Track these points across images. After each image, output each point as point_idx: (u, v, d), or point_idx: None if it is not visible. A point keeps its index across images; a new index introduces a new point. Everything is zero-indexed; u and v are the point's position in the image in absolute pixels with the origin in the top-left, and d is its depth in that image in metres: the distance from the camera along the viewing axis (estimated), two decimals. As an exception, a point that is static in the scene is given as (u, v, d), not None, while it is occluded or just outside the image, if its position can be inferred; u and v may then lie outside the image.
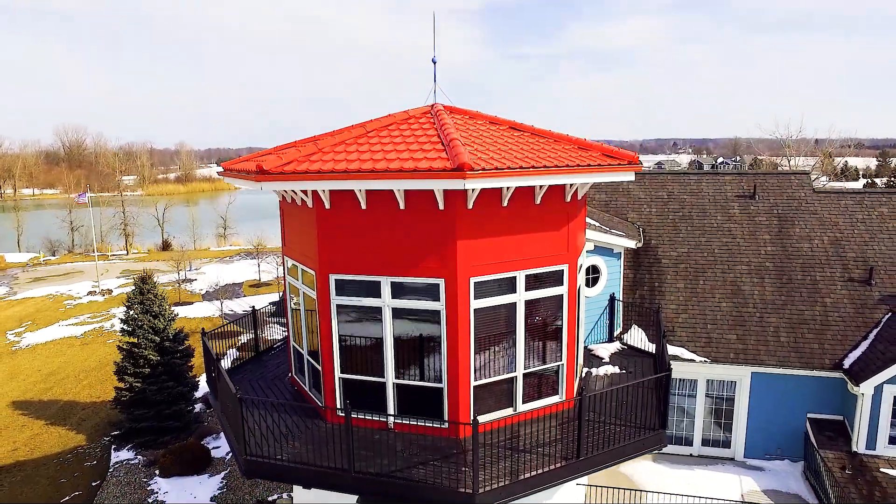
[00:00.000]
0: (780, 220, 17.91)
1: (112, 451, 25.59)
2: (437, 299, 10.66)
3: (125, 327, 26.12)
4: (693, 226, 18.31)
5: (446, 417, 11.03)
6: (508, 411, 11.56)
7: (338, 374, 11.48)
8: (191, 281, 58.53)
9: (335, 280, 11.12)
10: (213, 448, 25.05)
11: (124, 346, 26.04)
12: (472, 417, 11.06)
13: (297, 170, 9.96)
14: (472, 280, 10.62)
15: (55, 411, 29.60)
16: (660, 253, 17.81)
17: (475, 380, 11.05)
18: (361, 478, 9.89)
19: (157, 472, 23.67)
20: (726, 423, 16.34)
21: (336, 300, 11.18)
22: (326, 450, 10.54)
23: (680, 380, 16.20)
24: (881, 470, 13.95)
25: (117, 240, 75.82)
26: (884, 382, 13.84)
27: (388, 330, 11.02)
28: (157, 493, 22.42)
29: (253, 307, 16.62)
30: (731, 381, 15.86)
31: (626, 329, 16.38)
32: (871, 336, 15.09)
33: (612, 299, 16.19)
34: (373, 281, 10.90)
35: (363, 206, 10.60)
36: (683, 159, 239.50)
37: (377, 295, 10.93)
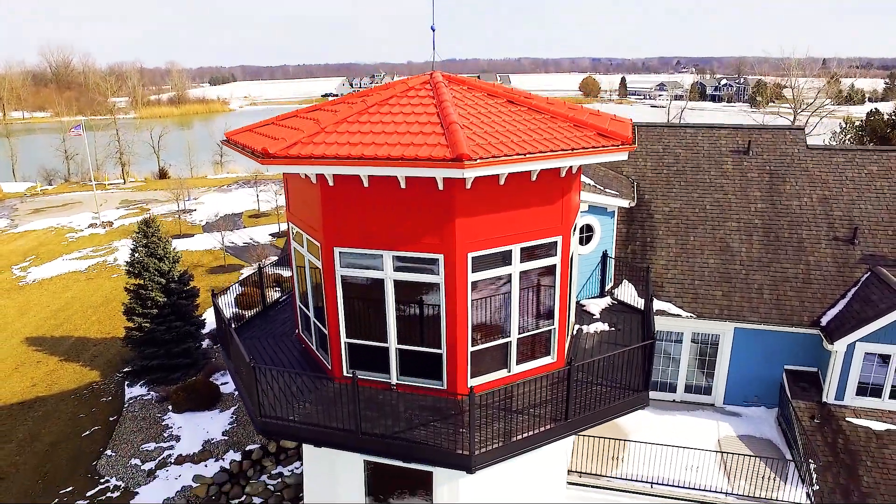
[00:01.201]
0: (772, 176, 18.27)
1: (126, 387, 26.90)
2: (437, 273, 11.24)
3: (131, 269, 26.83)
4: (686, 181, 18.67)
5: (445, 381, 11.86)
6: (503, 372, 12.38)
7: (343, 339, 12.21)
8: (190, 212, 58.93)
9: (339, 253, 11.65)
10: (222, 384, 26.32)
11: (131, 288, 26.84)
12: (468, 380, 11.93)
13: (302, 154, 10.29)
14: (470, 255, 11.16)
15: (68, 347, 30.77)
16: (653, 208, 18.28)
17: (472, 346, 11.79)
18: (368, 439, 10.81)
19: (170, 407, 25.01)
20: (709, 371, 17.32)
21: (340, 271, 11.75)
22: (335, 410, 11.42)
23: (667, 332, 17.06)
24: (846, 419, 15.03)
25: (114, 168, 75.46)
26: (856, 341, 14.70)
27: (391, 299, 11.65)
28: (171, 427, 23.82)
29: (260, 265, 17.23)
30: (716, 334, 16.74)
31: (617, 283, 17.09)
32: (849, 295, 15.82)
33: (605, 256, 16.82)
34: (376, 254, 11.44)
35: (365, 185, 10.98)
36: (686, 79, 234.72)
37: (380, 268, 11.50)
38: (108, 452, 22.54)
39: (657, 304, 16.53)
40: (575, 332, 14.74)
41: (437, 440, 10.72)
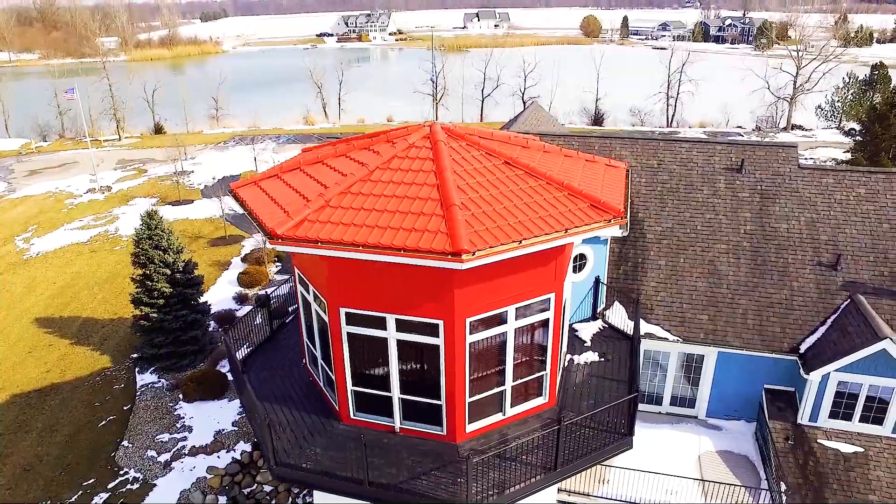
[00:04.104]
0: (763, 196, 18.72)
1: (136, 373, 27.96)
2: (437, 336, 11.98)
3: (137, 260, 27.46)
4: (679, 199, 19.12)
5: (445, 428, 12.79)
6: (498, 416, 13.32)
7: (350, 387, 13.05)
8: (188, 173, 58.84)
9: (345, 313, 12.33)
10: (228, 372, 27.37)
11: (137, 278, 27.55)
12: (466, 426, 12.87)
13: (309, 237, 10.83)
14: (468, 320, 11.87)
15: (77, 329, 31.70)
16: (645, 227, 18.82)
17: (469, 397, 12.66)
18: (375, 490, 11.80)
19: (180, 396, 26.15)
20: (694, 381, 18.30)
21: (346, 328, 12.47)
22: (343, 457, 12.38)
23: (654, 350, 17.96)
24: (818, 441, 16.11)
25: (108, 123, 74.68)
26: (831, 371, 15.61)
27: (394, 355, 12.44)
28: (183, 418, 24.99)
29: (267, 294, 17.83)
30: (700, 354, 17.64)
31: (609, 305, 17.84)
32: (829, 322, 16.61)
33: (597, 281, 17.51)
34: (379, 316, 12.13)
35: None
36: (690, 17, 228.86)
37: (383, 328, 12.22)
38: (125, 443, 23.78)
39: (646, 328, 17.35)
40: (566, 364, 15.60)
41: (438, 491, 11.72)
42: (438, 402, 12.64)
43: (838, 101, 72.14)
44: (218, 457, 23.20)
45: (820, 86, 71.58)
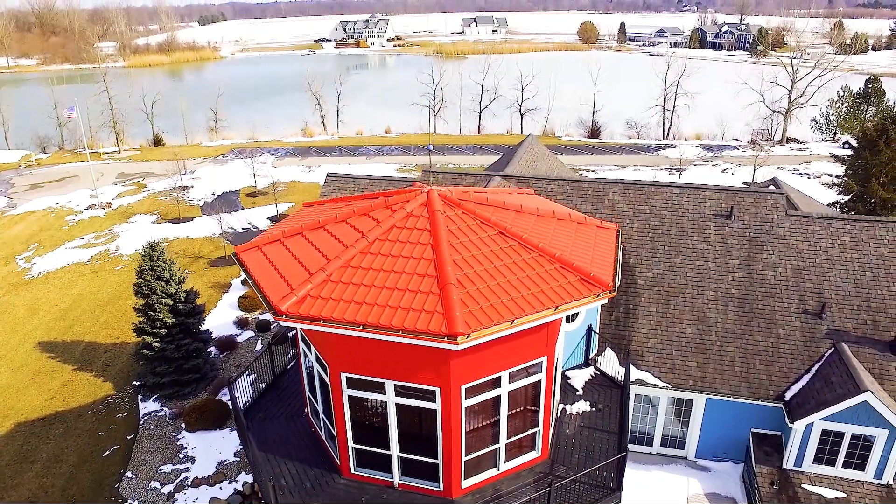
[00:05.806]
0: (751, 243, 19.29)
1: (139, 401, 28.44)
2: (434, 401, 12.52)
3: (139, 290, 27.95)
4: (670, 245, 19.67)
5: (441, 485, 13.33)
6: (493, 471, 13.85)
7: (351, 444, 13.59)
8: (187, 188, 59.30)
9: (346, 377, 12.87)
10: (229, 401, 27.84)
11: (140, 307, 28.05)
12: (462, 482, 13.41)
13: (311, 314, 11.35)
14: (463, 387, 12.42)
15: (79, 354, 32.15)
16: (637, 273, 19.37)
17: (465, 455, 13.20)
18: (374, 552, 12.35)
19: (183, 425, 26.64)
20: (684, 421, 18.85)
21: (347, 391, 13.01)
22: (343, 514, 12.93)
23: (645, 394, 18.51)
24: (803, 486, 16.68)
25: (108, 135, 75.10)
26: (815, 420, 16.17)
27: (393, 418, 12.98)
28: (186, 448, 25.48)
29: (269, 341, 18.31)
30: (690, 399, 18.20)
31: (601, 351, 18.38)
32: (813, 370, 17.17)
33: (590, 329, 18.04)
34: (379, 382, 12.67)
35: (369, 326, 12.07)
36: (687, 23, 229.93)
37: (382, 392, 12.75)
38: (129, 474, 24.26)
39: (637, 374, 17.90)
40: (559, 414, 16.13)
41: (435, 552, 12.27)
42: (436, 461, 13.18)
43: (833, 114, 72.97)
44: (220, 488, 23.68)
45: (815, 99, 72.36)
